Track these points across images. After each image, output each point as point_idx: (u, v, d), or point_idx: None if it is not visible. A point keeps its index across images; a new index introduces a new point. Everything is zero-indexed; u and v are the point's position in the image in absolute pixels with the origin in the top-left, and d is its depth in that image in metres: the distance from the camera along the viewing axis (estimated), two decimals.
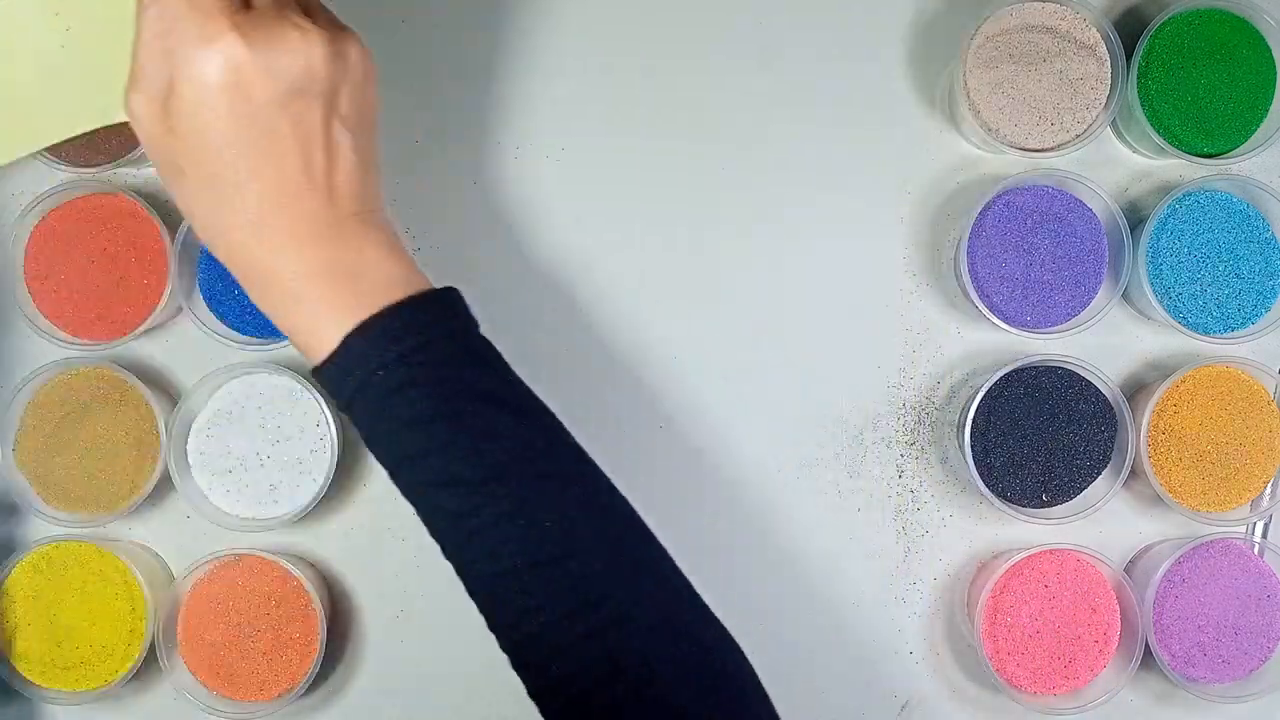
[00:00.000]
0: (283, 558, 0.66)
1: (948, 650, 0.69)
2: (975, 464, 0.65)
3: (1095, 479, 0.66)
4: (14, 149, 0.52)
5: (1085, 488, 0.66)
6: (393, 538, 0.69)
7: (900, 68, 0.69)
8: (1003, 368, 0.65)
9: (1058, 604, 0.66)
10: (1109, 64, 0.66)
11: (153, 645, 0.65)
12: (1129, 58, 0.65)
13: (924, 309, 0.69)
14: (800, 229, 0.69)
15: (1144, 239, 0.66)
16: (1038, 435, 0.66)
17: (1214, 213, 0.67)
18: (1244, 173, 0.68)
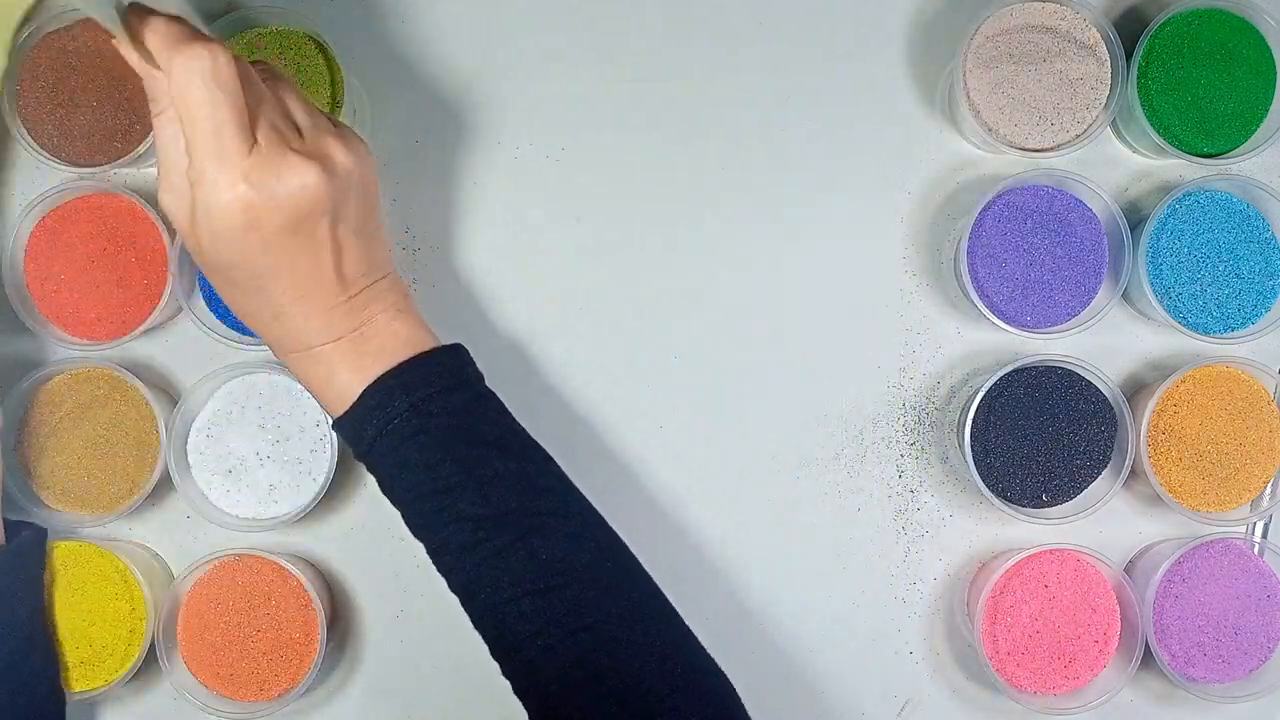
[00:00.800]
0: (283, 558, 0.66)
1: (948, 650, 0.69)
2: (975, 464, 0.65)
3: (1095, 479, 0.66)
4: None
5: (1085, 488, 0.66)
6: (393, 538, 0.69)
7: (900, 68, 0.69)
8: (1003, 368, 0.65)
9: (1058, 604, 0.66)
10: (1109, 64, 0.66)
11: (153, 645, 0.65)
12: (1129, 58, 0.65)
13: (924, 309, 0.69)
14: (800, 229, 0.69)
15: (1144, 239, 0.66)
16: (1038, 435, 0.66)
17: (1214, 213, 0.67)
18: (1244, 173, 0.68)
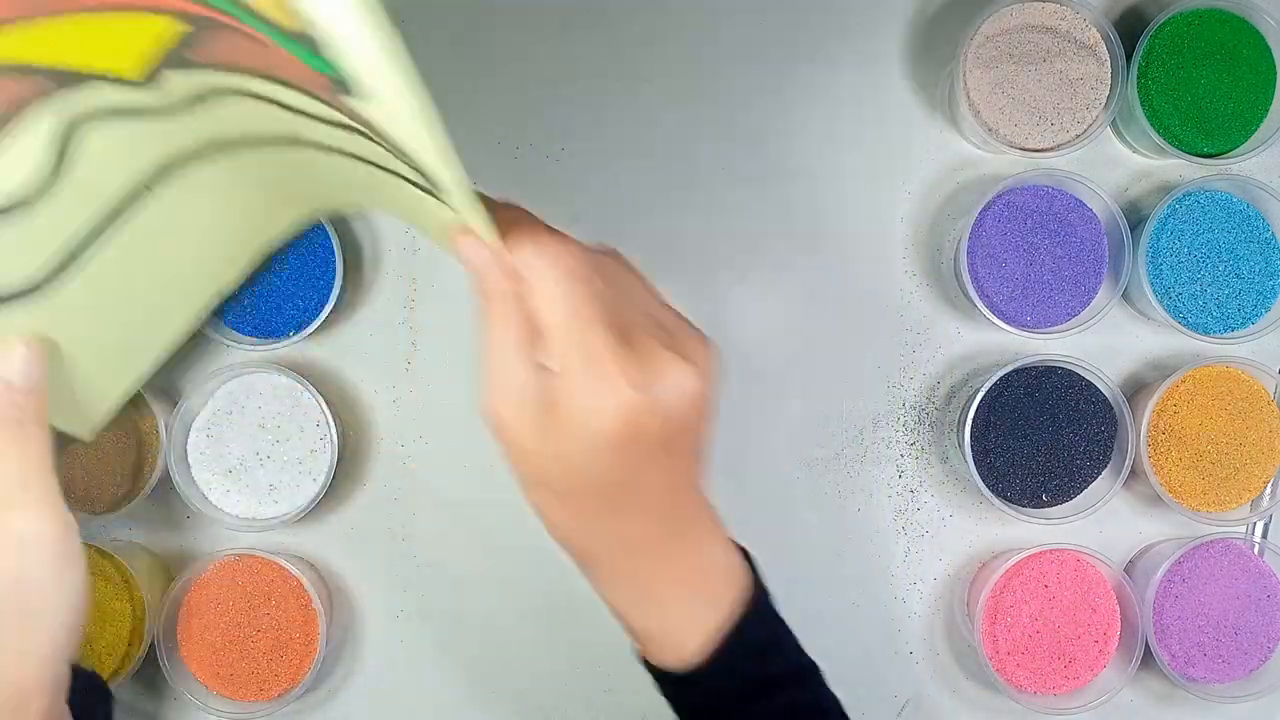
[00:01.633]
0: (283, 558, 0.66)
1: (948, 650, 0.69)
2: (975, 464, 0.65)
3: (1095, 479, 0.66)
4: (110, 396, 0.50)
5: (1085, 488, 0.66)
6: (393, 538, 0.69)
7: (900, 68, 0.70)
8: (1003, 368, 0.65)
9: (1058, 604, 0.66)
10: (1109, 64, 0.66)
11: (153, 645, 0.65)
12: (1129, 58, 0.65)
13: (924, 309, 0.69)
14: (800, 229, 0.69)
15: (1144, 239, 0.66)
16: (1038, 435, 0.66)
17: (1214, 213, 0.67)
18: (1244, 173, 0.68)
